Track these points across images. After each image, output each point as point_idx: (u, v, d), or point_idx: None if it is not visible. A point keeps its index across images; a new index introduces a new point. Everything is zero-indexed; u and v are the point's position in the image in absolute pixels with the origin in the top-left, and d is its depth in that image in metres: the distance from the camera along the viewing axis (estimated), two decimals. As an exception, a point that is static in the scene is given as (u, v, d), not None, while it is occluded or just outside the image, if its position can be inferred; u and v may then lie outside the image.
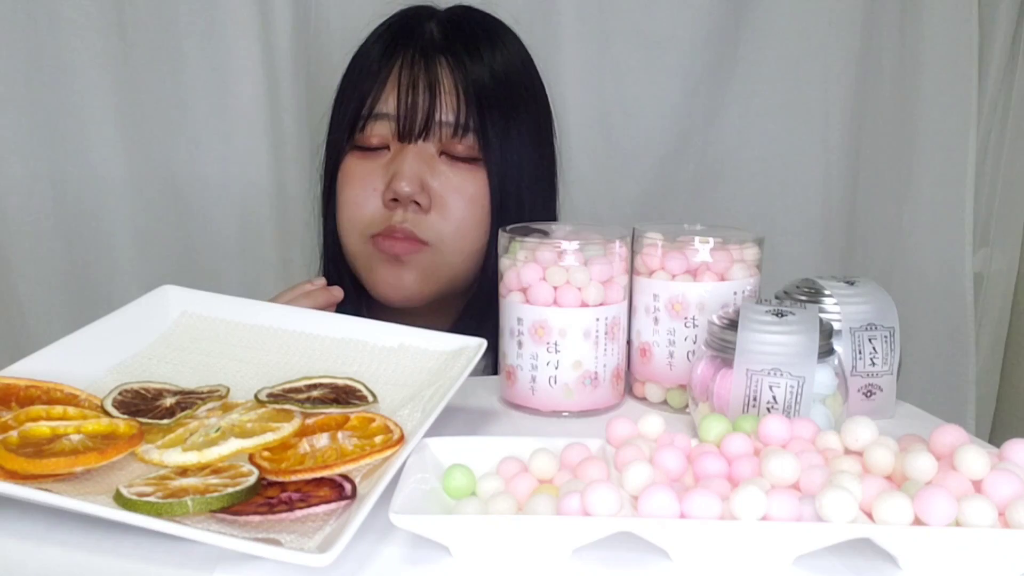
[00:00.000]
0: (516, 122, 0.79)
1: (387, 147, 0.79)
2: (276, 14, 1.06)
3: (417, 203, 0.76)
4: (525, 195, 0.81)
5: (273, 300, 0.73)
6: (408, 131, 0.76)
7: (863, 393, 0.58)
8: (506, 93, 0.79)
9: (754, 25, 1.16)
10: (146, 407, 0.50)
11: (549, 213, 0.86)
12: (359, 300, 0.86)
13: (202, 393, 0.53)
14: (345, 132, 0.79)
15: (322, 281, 0.78)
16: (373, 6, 0.83)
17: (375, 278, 0.80)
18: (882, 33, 1.17)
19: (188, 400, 0.52)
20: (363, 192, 0.78)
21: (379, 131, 0.78)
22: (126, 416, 0.48)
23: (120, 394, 0.51)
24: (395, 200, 0.76)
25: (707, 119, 1.19)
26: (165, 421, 0.48)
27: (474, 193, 0.78)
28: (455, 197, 0.78)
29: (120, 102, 1.05)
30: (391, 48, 0.78)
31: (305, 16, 1.09)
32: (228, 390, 0.53)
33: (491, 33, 0.82)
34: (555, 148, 0.86)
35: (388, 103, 0.77)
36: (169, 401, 0.51)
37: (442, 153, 0.78)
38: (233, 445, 0.45)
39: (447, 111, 0.76)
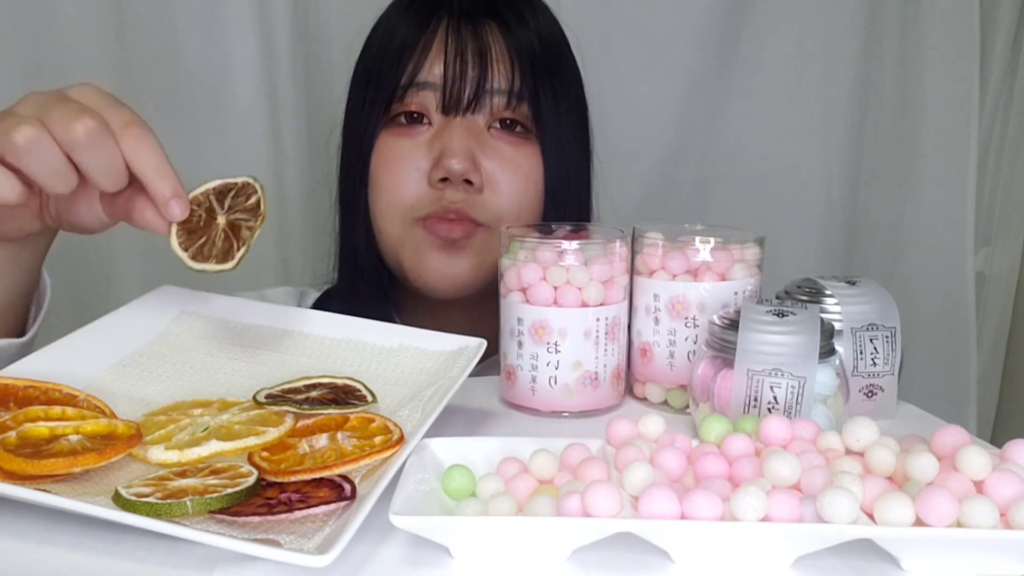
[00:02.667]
0: (564, 92, 0.74)
1: (427, 122, 0.72)
2: (275, 14, 1.06)
3: (469, 181, 0.70)
4: (574, 173, 0.75)
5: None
6: (456, 102, 0.70)
7: (864, 393, 0.58)
8: (554, 59, 0.74)
9: (755, 24, 1.16)
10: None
11: (586, 196, 0.81)
12: (387, 294, 0.80)
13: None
14: (379, 107, 0.72)
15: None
16: (373, 6, 0.83)
17: (424, 267, 0.74)
18: (883, 32, 1.17)
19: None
20: (404, 173, 0.72)
21: (420, 102, 0.71)
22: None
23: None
24: (443, 180, 0.70)
25: (707, 119, 1.19)
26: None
27: (529, 169, 0.72)
28: (510, 174, 0.72)
29: (119, 102, 1.05)
30: (429, 12, 0.72)
31: (304, 16, 1.09)
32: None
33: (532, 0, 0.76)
34: (591, 131, 0.81)
35: (432, 71, 0.70)
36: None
37: (491, 127, 0.72)
38: (213, 447, 0.45)
39: (500, 79, 0.70)
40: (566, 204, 0.75)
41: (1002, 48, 1.16)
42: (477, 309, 0.77)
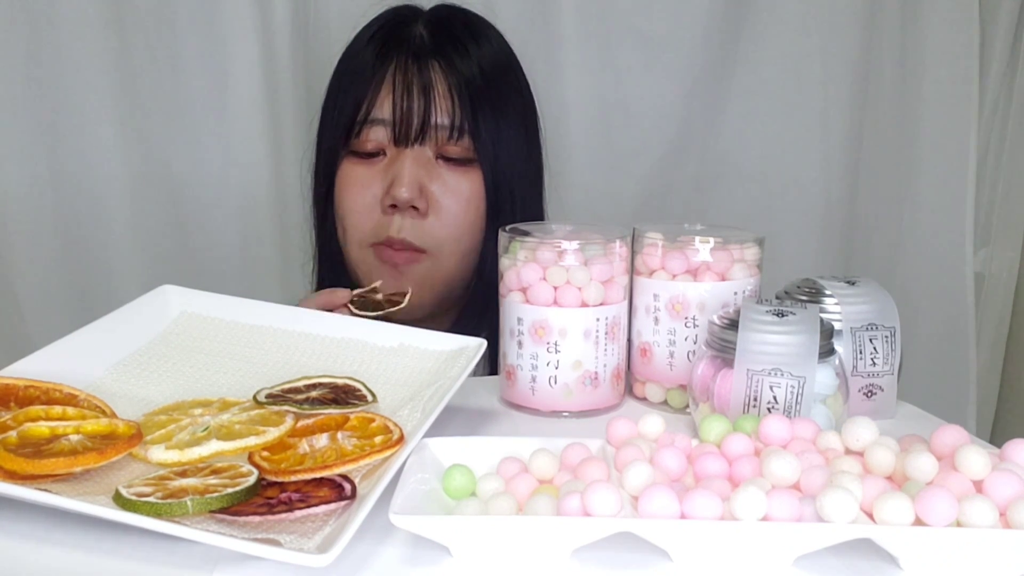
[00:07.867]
0: (506, 118, 0.80)
1: (383, 152, 0.79)
2: (275, 14, 1.06)
3: (415, 207, 0.77)
4: (517, 191, 0.81)
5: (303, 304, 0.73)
6: (404, 135, 0.77)
7: (864, 393, 0.58)
8: (496, 87, 0.80)
9: (754, 25, 1.16)
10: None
11: (538, 206, 0.87)
12: None
13: None
14: (341, 137, 0.79)
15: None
16: (372, 7, 0.83)
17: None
18: (883, 32, 1.17)
19: None
20: (363, 199, 0.79)
21: (375, 136, 0.78)
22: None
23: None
24: (393, 206, 0.77)
25: (707, 119, 1.19)
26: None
27: (470, 195, 0.79)
28: (452, 200, 0.78)
29: (119, 102, 1.04)
30: (383, 52, 0.79)
31: (304, 16, 1.09)
32: None
33: (475, 29, 0.82)
34: (541, 139, 0.87)
35: (383, 108, 0.77)
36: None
37: (439, 156, 0.78)
38: (213, 447, 0.45)
39: (442, 114, 0.77)
40: (511, 219, 0.81)
41: (1001, 48, 1.16)
42: (440, 323, 0.84)
